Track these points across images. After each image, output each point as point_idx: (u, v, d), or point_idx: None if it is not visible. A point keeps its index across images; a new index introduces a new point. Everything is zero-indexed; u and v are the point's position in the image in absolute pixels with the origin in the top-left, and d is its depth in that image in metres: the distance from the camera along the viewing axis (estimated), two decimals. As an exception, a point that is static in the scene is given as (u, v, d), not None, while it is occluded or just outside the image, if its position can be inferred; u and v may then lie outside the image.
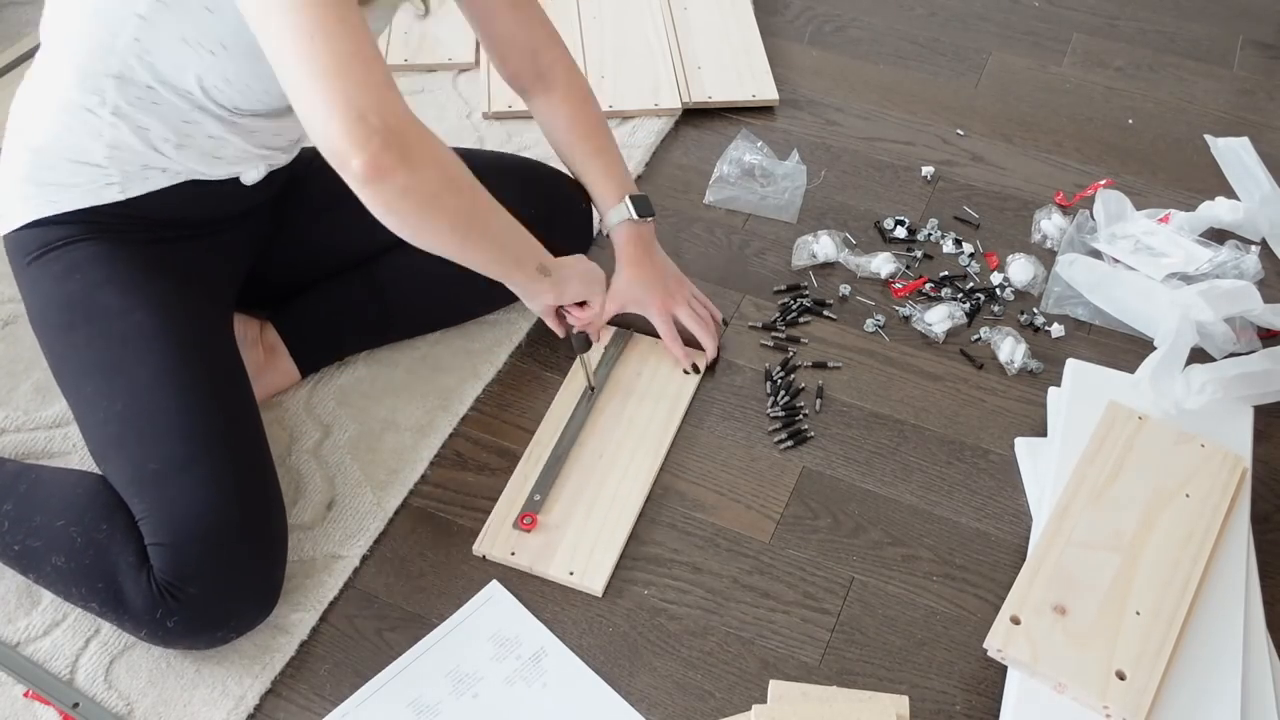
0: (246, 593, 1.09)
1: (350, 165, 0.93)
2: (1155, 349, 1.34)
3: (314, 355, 1.36)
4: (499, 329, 1.44)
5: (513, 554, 1.20)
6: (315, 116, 0.93)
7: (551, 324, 1.32)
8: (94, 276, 1.15)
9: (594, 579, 1.19)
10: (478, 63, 1.86)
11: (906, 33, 1.99)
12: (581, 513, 1.25)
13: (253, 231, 1.31)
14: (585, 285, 1.27)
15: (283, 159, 1.26)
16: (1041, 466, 1.28)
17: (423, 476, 1.29)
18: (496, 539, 1.22)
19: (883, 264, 1.52)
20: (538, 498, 1.25)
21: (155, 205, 1.18)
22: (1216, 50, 1.97)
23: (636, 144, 1.72)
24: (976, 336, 1.46)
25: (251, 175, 1.23)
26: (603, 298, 1.31)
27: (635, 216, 1.35)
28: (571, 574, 1.19)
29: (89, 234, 1.17)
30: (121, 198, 1.16)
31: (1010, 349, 1.42)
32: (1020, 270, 1.53)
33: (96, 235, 1.17)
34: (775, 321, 1.47)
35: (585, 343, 1.32)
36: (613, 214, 1.36)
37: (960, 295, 1.51)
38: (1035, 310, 1.49)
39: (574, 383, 1.38)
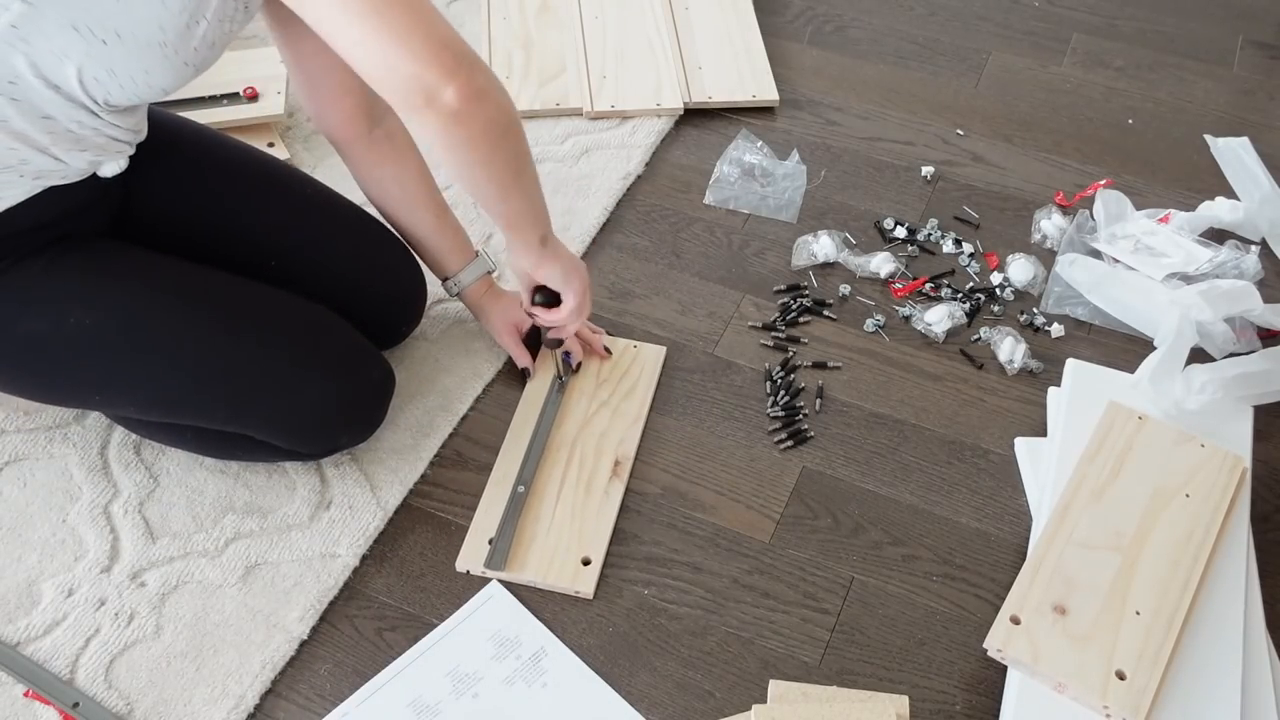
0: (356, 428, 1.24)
1: (441, 96, 0.93)
2: (1155, 349, 1.34)
3: None
4: (499, 329, 1.45)
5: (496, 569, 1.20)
6: (397, 56, 0.92)
7: (507, 343, 1.38)
8: (11, 310, 1.10)
9: (585, 581, 1.19)
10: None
11: (906, 33, 1.99)
12: (565, 513, 1.25)
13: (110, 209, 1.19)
14: (565, 275, 1.24)
15: (131, 150, 1.14)
16: (1041, 466, 1.28)
17: (423, 476, 1.29)
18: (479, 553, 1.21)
19: (882, 264, 1.53)
20: (521, 489, 1.26)
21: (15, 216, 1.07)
22: (1216, 50, 1.97)
23: (636, 144, 1.72)
24: (976, 336, 1.46)
25: (110, 168, 1.12)
26: (576, 300, 1.27)
27: (493, 265, 1.39)
28: (587, 563, 1.20)
29: None
30: None
31: (1010, 349, 1.42)
32: (1020, 270, 1.53)
33: None
34: (775, 321, 1.47)
35: (555, 341, 1.35)
36: (476, 265, 1.36)
37: (960, 295, 1.51)
38: (1035, 310, 1.49)
39: (538, 383, 1.38)
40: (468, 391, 1.37)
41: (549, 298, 1.29)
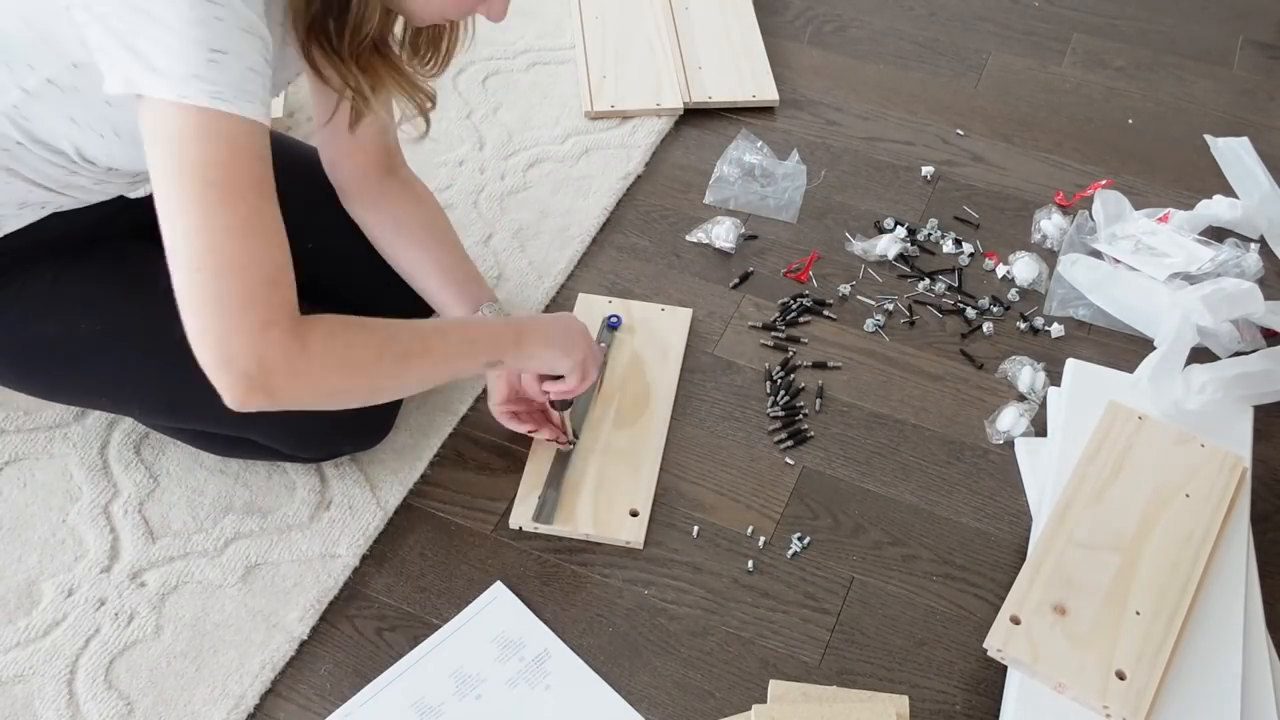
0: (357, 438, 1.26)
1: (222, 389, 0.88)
2: (1155, 349, 1.34)
3: None
4: (499, 329, 1.44)
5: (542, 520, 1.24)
6: (193, 339, 0.87)
7: (507, 424, 1.26)
8: (30, 310, 1.12)
9: (634, 531, 1.23)
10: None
11: (906, 33, 1.99)
12: (610, 469, 1.29)
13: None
14: (552, 354, 1.14)
15: None
16: (1041, 466, 1.28)
17: (423, 476, 1.29)
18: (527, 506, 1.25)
19: (889, 245, 1.53)
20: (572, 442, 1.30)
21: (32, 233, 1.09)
22: (1216, 50, 1.97)
23: (636, 144, 1.72)
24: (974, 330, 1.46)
25: (141, 191, 1.13)
26: (580, 364, 1.16)
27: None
28: (635, 514, 1.24)
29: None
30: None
31: (1029, 379, 1.39)
32: (1025, 269, 1.52)
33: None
34: (775, 321, 1.47)
35: (564, 403, 1.24)
36: (496, 311, 1.23)
37: (961, 296, 1.50)
38: (1036, 310, 1.49)
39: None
40: (468, 391, 1.37)
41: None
